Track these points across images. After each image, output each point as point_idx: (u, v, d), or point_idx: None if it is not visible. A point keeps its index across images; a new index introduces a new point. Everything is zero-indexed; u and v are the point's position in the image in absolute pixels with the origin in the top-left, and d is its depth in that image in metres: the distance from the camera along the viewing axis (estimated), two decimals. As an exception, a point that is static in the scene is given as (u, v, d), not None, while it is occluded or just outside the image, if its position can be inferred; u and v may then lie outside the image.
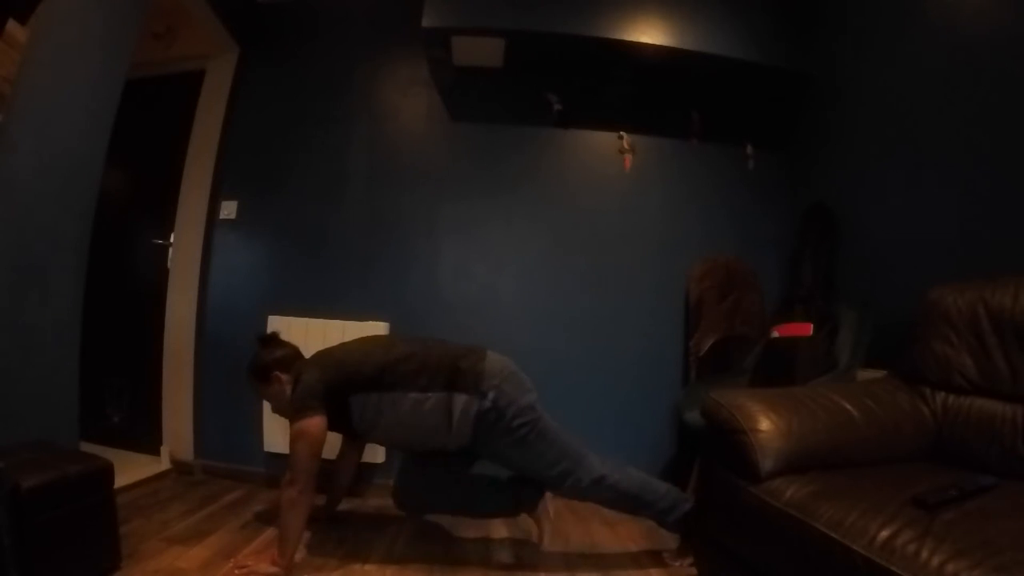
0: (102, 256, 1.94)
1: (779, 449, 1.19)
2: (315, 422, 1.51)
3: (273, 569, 1.46)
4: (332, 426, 1.58)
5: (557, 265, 2.50)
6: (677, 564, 1.66)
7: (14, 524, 1.17)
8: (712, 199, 2.56)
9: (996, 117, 1.58)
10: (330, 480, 1.94)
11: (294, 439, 1.50)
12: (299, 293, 2.43)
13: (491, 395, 1.55)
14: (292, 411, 1.54)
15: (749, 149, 2.58)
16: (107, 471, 1.42)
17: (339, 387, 1.57)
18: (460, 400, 1.56)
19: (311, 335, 2.22)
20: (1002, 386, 1.29)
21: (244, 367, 1.74)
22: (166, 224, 2.54)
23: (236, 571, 1.47)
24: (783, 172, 2.57)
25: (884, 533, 0.87)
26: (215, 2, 2.37)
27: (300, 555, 1.57)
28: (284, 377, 1.68)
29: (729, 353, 2.30)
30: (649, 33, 2.24)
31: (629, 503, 1.69)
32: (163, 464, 2.38)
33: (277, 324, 2.29)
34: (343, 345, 1.73)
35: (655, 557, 1.73)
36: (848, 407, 1.33)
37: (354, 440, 1.90)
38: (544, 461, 1.62)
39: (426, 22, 2.20)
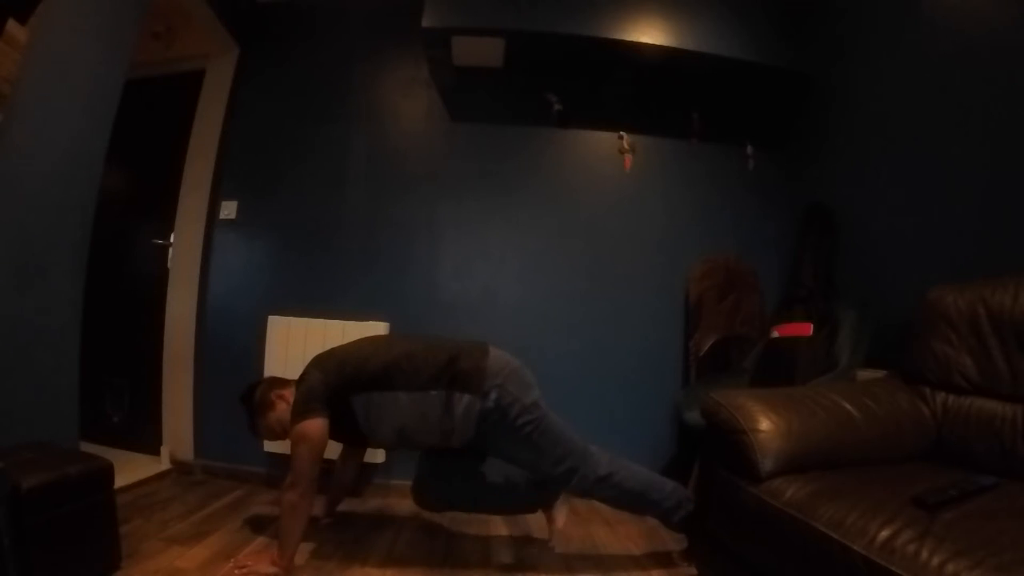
0: (102, 256, 1.94)
1: (779, 449, 1.19)
2: (317, 424, 1.50)
3: (273, 569, 1.46)
4: (336, 432, 1.57)
5: (557, 265, 2.50)
6: (687, 565, 1.65)
7: (14, 524, 1.17)
8: (712, 199, 2.57)
9: (995, 116, 1.58)
10: (331, 481, 1.94)
11: (296, 441, 1.50)
12: (299, 293, 2.43)
13: (493, 395, 1.54)
14: (293, 413, 1.53)
15: (749, 149, 2.58)
16: (107, 471, 1.42)
17: (342, 387, 1.57)
18: (462, 400, 1.54)
19: (311, 335, 2.22)
20: (1002, 386, 1.29)
21: (247, 427, 1.71)
22: (166, 224, 2.54)
23: (236, 571, 1.47)
24: (783, 172, 2.57)
25: (884, 533, 0.88)
26: (215, 2, 2.37)
27: (300, 556, 1.57)
28: (286, 392, 1.65)
29: (729, 353, 2.30)
30: (649, 33, 2.24)
31: (635, 501, 1.69)
32: (163, 464, 2.38)
33: (277, 324, 2.30)
34: (344, 346, 1.72)
35: (656, 558, 1.72)
36: (848, 407, 1.33)
37: (356, 446, 1.89)
38: (549, 459, 1.60)
39: (426, 22, 2.20)
